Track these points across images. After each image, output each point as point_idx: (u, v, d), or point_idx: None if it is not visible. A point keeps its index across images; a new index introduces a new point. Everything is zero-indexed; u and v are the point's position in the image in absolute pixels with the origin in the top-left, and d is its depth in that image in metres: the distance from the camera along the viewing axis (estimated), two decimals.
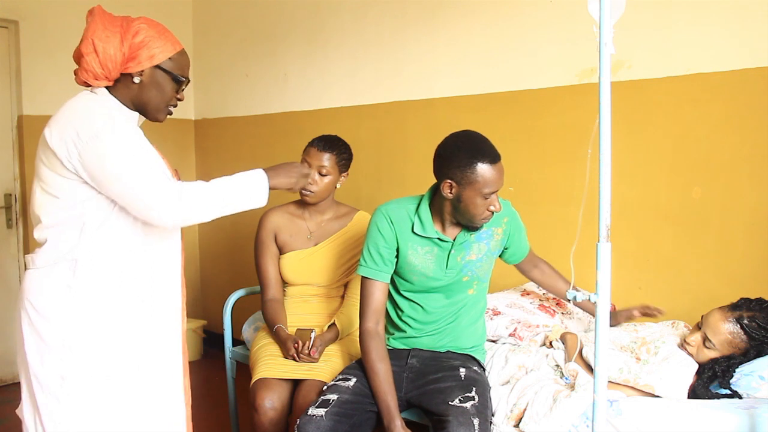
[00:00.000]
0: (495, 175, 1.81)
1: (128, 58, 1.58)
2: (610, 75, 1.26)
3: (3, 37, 3.43)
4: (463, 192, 1.83)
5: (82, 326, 1.55)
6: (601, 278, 1.29)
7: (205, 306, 4.27)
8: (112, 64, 1.57)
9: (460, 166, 1.81)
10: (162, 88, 1.65)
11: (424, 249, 1.95)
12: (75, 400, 1.54)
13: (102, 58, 1.56)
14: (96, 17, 1.58)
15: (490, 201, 1.84)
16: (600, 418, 1.31)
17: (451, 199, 1.86)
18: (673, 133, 2.30)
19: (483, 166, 1.80)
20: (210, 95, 4.12)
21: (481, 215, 1.86)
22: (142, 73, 1.61)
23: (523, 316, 2.23)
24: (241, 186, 1.62)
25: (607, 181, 1.27)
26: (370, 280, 1.96)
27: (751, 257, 2.16)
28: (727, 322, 1.81)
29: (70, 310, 1.55)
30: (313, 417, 1.76)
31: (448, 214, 1.92)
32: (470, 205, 1.84)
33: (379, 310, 1.96)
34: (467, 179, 1.81)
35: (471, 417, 1.70)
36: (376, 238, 1.97)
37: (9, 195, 3.50)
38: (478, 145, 1.84)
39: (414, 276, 1.97)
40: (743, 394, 1.75)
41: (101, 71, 1.57)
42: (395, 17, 3.08)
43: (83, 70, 1.58)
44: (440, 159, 1.88)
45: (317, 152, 2.28)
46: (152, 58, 1.60)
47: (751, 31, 2.11)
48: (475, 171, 1.80)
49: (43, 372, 1.55)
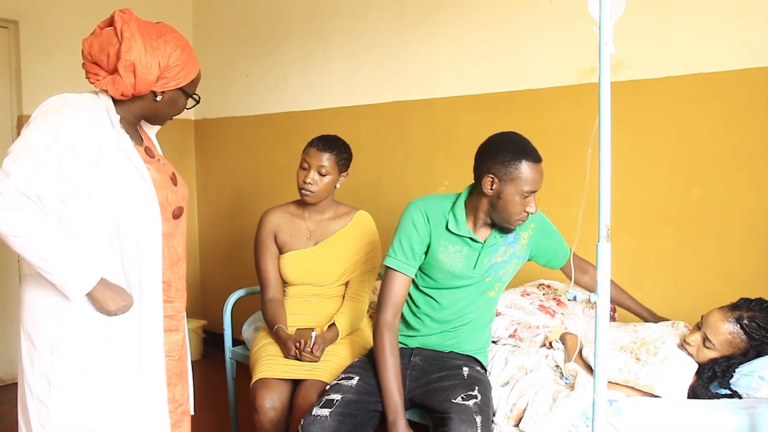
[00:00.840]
0: (537, 175, 1.84)
1: (158, 79, 1.59)
2: (610, 75, 1.26)
3: (3, 37, 3.43)
4: (504, 188, 1.85)
5: (70, 334, 1.54)
6: (601, 278, 1.29)
7: (205, 306, 4.27)
8: (146, 86, 1.58)
9: (504, 162, 1.83)
10: (176, 105, 1.69)
11: (455, 247, 1.96)
12: (62, 407, 1.54)
13: (138, 83, 1.55)
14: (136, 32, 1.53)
15: (527, 201, 1.86)
16: (600, 418, 1.31)
17: (491, 195, 1.88)
18: (673, 133, 2.30)
19: (527, 164, 1.83)
20: (210, 95, 4.12)
21: (518, 214, 1.88)
22: (164, 93, 1.62)
23: (523, 317, 2.23)
24: (69, 257, 1.48)
25: (607, 181, 1.26)
26: (396, 272, 1.96)
27: (751, 257, 2.16)
28: (727, 322, 1.81)
29: (58, 317, 1.54)
30: (318, 417, 1.76)
31: (483, 213, 1.94)
32: (509, 203, 1.86)
33: (399, 304, 1.97)
34: (510, 175, 1.83)
35: (473, 414, 1.70)
36: (409, 231, 1.97)
37: None
38: (523, 144, 1.87)
39: (440, 273, 1.98)
40: (743, 394, 1.75)
41: (132, 92, 1.58)
42: (395, 17, 3.08)
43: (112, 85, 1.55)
44: (484, 155, 1.90)
45: (317, 152, 2.28)
46: (179, 81, 1.63)
47: (751, 31, 2.11)
48: (519, 168, 1.82)
49: (33, 377, 1.55)
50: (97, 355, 1.57)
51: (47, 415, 1.54)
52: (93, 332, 1.56)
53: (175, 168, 1.81)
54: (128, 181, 1.57)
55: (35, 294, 1.56)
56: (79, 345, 1.55)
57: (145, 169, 1.61)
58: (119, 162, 1.56)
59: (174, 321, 1.74)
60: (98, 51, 1.56)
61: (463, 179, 2.90)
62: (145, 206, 1.59)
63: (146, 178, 1.59)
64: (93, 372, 1.56)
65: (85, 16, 1.81)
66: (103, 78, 1.56)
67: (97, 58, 1.56)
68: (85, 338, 1.56)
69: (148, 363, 1.65)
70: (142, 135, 1.72)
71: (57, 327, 1.54)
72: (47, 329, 1.54)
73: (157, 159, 1.72)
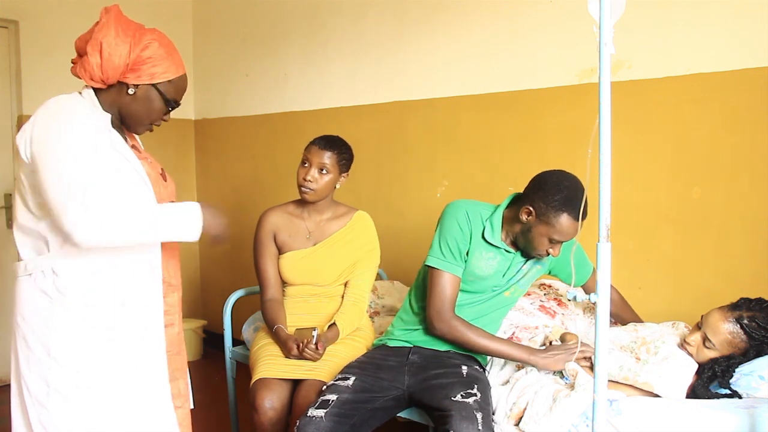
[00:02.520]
0: (571, 231, 1.86)
1: (130, 69, 1.57)
2: (610, 75, 1.26)
3: (3, 37, 3.43)
4: (536, 225, 1.89)
5: (65, 335, 1.54)
6: (601, 278, 1.29)
7: (205, 306, 4.27)
8: (113, 71, 1.56)
9: (547, 204, 1.86)
10: (151, 106, 1.63)
11: (489, 254, 2.00)
12: (61, 408, 1.53)
13: (105, 64, 1.54)
14: (111, 19, 1.55)
15: (553, 246, 1.91)
16: (600, 417, 1.31)
17: (523, 223, 1.92)
18: (673, 133, 2.30)
19: (567, 218, 1.85)
20: (210, 95, 4.12)
21: (538, 251, 1.94)
22: (138, 87, 1.59)
23: (521, 319, 2.23)
24: (172, 212, 1.57)
25: (607, 181, 1.26)
26: (444, 273, 1.97)
27: (751, 257, 2.16)
28: (726, 322, 1.81)
29: (52, 319, 1.53)
30: (313, 418, 1.76)
31: (512, 232, 1.99)
32: (535, 239, 1.91)
33: (454, 303, 1.98)
34: (546, 218, 1.87)
35: (474, 411, 1.70)
36: (454, 230, 1.98)
37: (9, 195, 3.49)
38: (575, 198, 1.86)
39: (469, 276, 2.01)
40: (743, 394, 1.75)
41: (99, 74, 1.55)
42: (395, 17, 3.08)
43: (81, 68, 1.56)
44: (536, 186, 1.93)
45: (318, 150, 2.29)
46: (153, 76, 1.59)
47: (751, 31, 2.11)
48: (558, 217, 1.85)
49: (31, 379, 1.54)
50: (96, 356, 1.56)
51: (48, 416, 1.53)
52: (90, 333, 1.56)
53: (175, 168, 1.81)
54: (127, 179, 1.57)
55: (26, 295, 1.55)
56: (77, 346, 1.55)
57: (141, 167, 1.61)
58: (116, 160, 1.56)
59: (169, 315, 1.74)
60: (82, 42, 1.58)
61: (463, 179, 2.92)
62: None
63: (143, 176, 1.59)
64: (92, 373, 1.56)
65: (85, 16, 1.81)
66: (77, 64, 1.57)
67: (78, 47, 1.59)
68: (83, 339, 1.55)
69: (151, 361, 1.65)
70: (126, 134, 1.71)
71: (53, 328, 1.53)
72: (41, 330, 1.53)
73: (145, 156, 1.73)
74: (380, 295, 2.72)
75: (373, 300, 2.68)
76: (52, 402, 1.53)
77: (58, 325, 1.53)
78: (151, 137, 1.77)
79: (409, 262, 2.85)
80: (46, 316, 1.53)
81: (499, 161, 2.76)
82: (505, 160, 2.74)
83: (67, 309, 1.54)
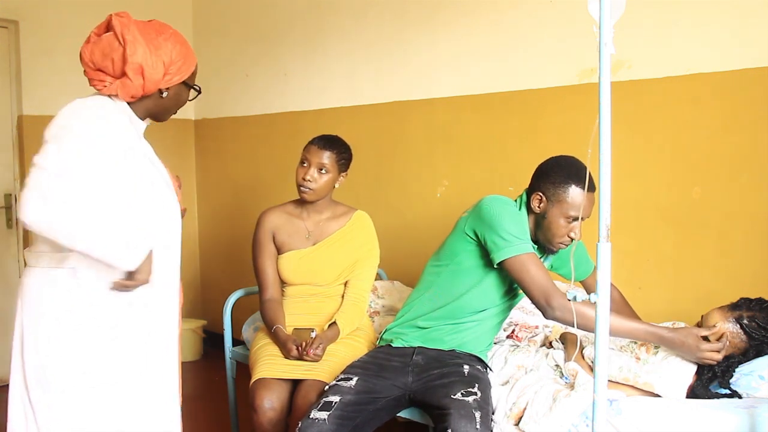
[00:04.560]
0: (584, 202, 1.84)
1: (164, 76, 1.61)
2: (610, 75, 1.26)
3: (3, 37, 3.43)
4: (549, 209, 1.88)
5: (68, 334, 1.54)
6: (601, 278, 1.29)
7: (205, 306, 4.27)
8: (153, 86, 1.61)
9: (554, 183, 1.87)
10: (180, 99, 1.72)
11: None
12: (62, 408, 1.53)
13: (147, 84, 1.58)
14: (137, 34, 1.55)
15: (572, 226, 1.87)
16: (600, 417, 1.31)
17: (537, 213, 1.91)
18: (673, 133, 2.30)
19: (576, 189, 1.84)
20: (210, 95, 4.11)
21: (560, 238, 1.90)
22: (170, 89, 1.65)
23: (521, 317, 2.23)
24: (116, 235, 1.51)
25: (607, 181, 1.26)
26: (523, 255, 1.84)
27: (751, 257, 2.16)
28: (726, 322, 1.81)
29: (67, 315, 1.53)
30: (316, 420, 1.74)
31: (531, 229, 1.96)
32: (552, 224, 1.89)
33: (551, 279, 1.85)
34: (557, 197, 1.86)
35: (473, 410, 1.70)
36: (512, 215, 1.89)
37: (9, 195, 3.49)
38: (578, 169, 1.86)
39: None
40: (743, 394, 1.75)
41: (141, 92, 1.60)
42: (395, 17, 3.08)
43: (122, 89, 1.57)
44: (538, 173, 1.93)
45: (318, 149, 2.29)
46: (182, 75, 1.65)
47: (751, 31, 2.11)
48: (567, 191, 1.85)
49: (36, 375, 1.54)
50: (100, 356, 1.56)
51: (48, 416, 1.53)
52: (95, 332, 1.56)
53: (175, 168, 1.83)
54: (156, 187, 1.61)
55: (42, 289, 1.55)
56: (81, 346, 1.54)
57: (167, 174, 1.65)
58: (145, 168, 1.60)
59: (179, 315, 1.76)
60: (101, 58, 1.56)
61: (463, 179, 2.92)
62: (171, 211, 1.64)
63: (169, 183, 1.63)
64: (94, 373, 1.55)
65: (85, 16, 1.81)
66: (111, 84, 1.58)
67: (101, 65, 1.57)
68: (88, 339, 1.55)
69: (162, 360, 1.66)
70: None
71: (64, 323, 1.53)
72: (55, 326, 1.53)
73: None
74: (380, 295, 2.72)
75: (373, 300, 2.67)
76: (53, 402, 1.53)
77: (63, 323, 1.53)
78: (150, 137, 1.77)
79: (409, 262, 2.85)
80: (50, 312, 1.53)
81: (499, 161, 2.76)
82: (505, 160, 2.74)
83: (74, 307, 1.54)
